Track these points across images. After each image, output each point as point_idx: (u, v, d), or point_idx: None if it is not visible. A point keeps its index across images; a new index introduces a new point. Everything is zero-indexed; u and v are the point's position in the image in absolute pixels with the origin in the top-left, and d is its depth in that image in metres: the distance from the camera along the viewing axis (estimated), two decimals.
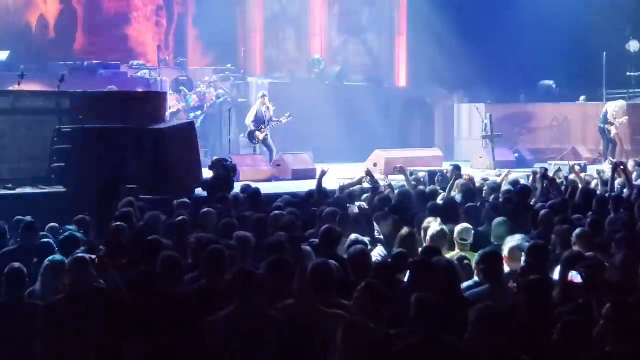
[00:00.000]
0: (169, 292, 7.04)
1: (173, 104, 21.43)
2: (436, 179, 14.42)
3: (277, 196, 13.09)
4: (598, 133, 23.49)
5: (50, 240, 9.07)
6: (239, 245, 8.44)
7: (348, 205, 11.28)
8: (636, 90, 26.80)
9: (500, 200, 12.06)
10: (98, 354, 6.97)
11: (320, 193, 12.54)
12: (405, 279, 7.58)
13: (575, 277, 6.61)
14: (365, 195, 12.79)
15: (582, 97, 26.39)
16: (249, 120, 20.45)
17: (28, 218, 10.06)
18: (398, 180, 14.97)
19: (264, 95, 20.67)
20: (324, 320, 6.48)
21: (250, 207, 11.76)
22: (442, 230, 9.24)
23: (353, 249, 8.02)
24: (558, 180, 13.97)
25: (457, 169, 14.98)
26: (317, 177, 13.31)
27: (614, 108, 22.91)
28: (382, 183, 13.89)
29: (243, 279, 6.59)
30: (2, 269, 7.59)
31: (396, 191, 12.94)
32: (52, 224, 10.08)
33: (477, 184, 14.23)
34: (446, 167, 17.20)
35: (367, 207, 10.88)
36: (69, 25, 23.84)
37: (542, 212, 10.59)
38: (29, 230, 9.50)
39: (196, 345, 6.76)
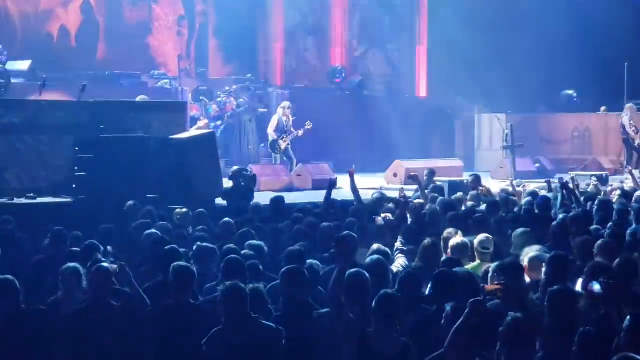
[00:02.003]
0: (183, 302, 7.05)
1: (193, 114, 21.37)
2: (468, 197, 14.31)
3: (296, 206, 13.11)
4: (621, 143, 23.34)
5: (77, 249, 9.12)
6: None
7: (374, 217, 11.27)
8: None
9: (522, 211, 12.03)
10: None
11: (328, 203, 12.56)
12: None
13: (594, 287, 6.56)
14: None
15: (603, 108, 26.21)
16: (271, 129, 20.46)
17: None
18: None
19: (289, 107, 20.70)
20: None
21: (272, 216, 11.80)
22: (463, 242, 9.20)
23: (370, 259, 8.03)
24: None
25: (476, 179, 14.93)
26: (327, 187, 13.28)
27: (628, 115, 22.69)
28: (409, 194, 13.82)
29: (232, 294, 6.56)
30: (30, 277, 7.67)
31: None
32: (75, 233, 10.12)
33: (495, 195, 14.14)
34: (466, 177, 17.16)
35: (392, 218, 10.87)
36: (90, 35, 23.95)
37: (554, 224, 10.53)
38: (57, 239, 9.58)
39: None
